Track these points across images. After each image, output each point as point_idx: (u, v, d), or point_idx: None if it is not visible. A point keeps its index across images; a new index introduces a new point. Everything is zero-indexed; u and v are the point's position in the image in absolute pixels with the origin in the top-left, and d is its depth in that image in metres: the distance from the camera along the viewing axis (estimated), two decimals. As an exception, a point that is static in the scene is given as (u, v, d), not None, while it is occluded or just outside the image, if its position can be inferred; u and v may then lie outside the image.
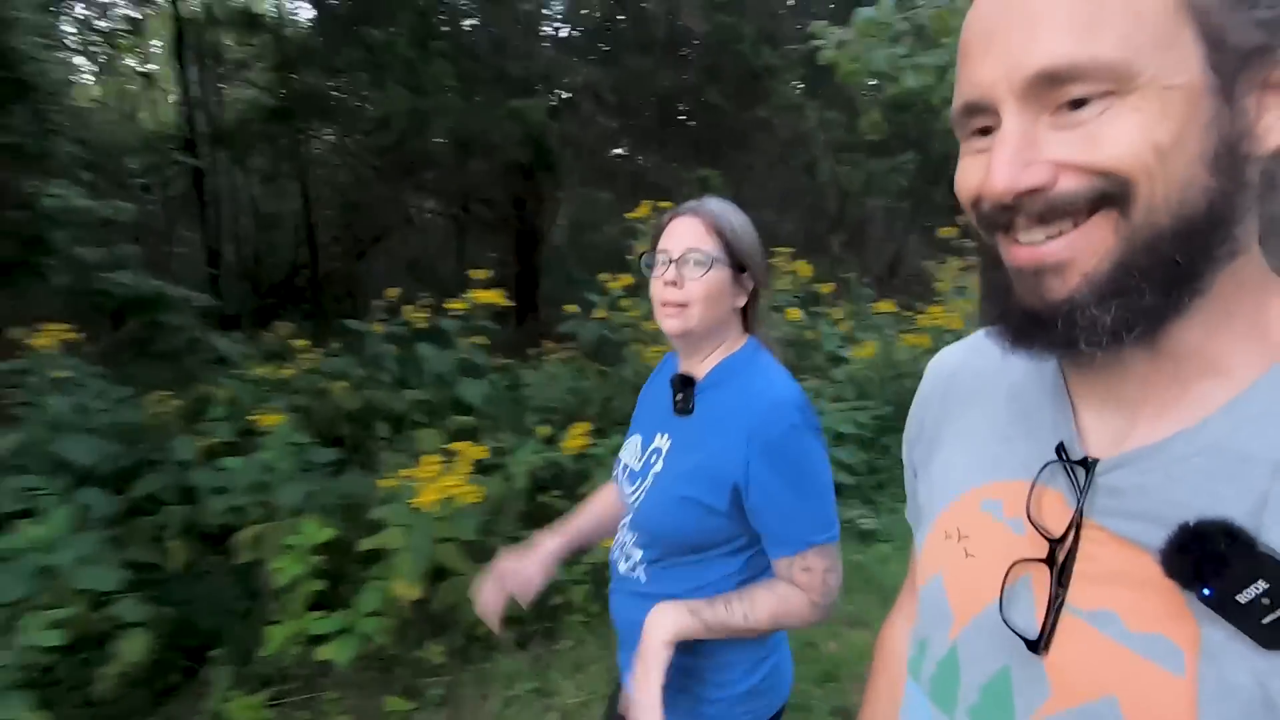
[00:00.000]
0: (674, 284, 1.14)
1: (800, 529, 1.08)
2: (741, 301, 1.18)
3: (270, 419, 2.33)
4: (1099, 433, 0.52)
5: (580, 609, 2.69)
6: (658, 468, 1.18)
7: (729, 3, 4.36)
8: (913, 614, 0.77)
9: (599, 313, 3.62)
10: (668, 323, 1.17)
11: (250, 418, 2.45)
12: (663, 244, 1.17)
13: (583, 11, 3.87)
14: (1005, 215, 0.46)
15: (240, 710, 2.18)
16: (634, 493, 1.21)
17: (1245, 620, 0.42)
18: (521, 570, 1.29)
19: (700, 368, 1.19)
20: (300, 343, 3.23)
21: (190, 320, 3.74)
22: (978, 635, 0.56)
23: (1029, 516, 0.53)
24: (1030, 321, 0.47)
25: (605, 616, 2.54)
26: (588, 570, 2.70)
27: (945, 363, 0.71)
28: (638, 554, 1.19)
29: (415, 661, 2.45)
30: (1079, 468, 0.51)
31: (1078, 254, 0.45)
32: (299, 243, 8.68)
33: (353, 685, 2.37)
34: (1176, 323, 0.46)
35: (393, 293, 3.31)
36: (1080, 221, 0.44)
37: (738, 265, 1.15)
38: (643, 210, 3.74)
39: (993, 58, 0.45)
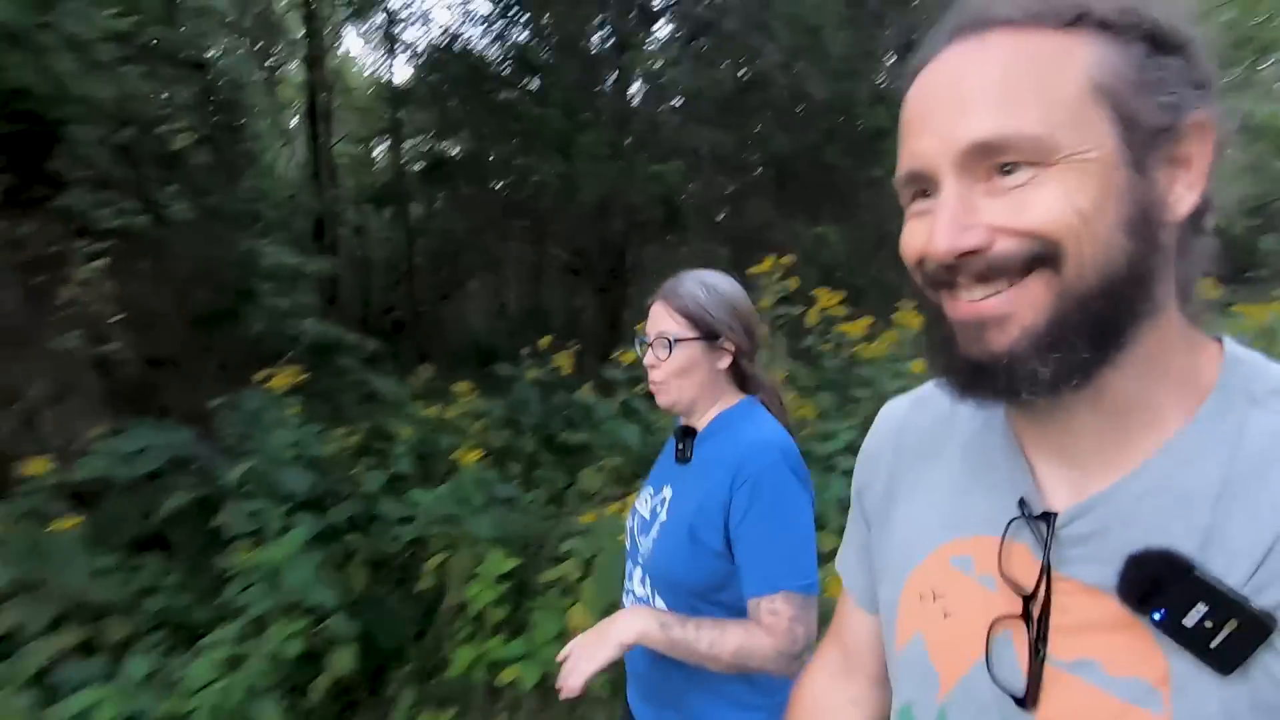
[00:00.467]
0: (651, 365, 1.24)
1: (771, 570, 1.11)
2: (724, 364, 1.24)
3: (469, 456, 2.58)
4: (1055, 485, 0.55)
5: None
6: (663, 516, 1.24)
7: (847, 71, 4.56)
8: (835, 668, 0.81)
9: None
10: (657, 398, 1.27)
11: (449, 454, 2.71)
12: (646, 328, 1.27)
13: (711, 80, 4.17)
14: (948, 274, 0.50)
15: (427, 726, 2.38)
16: (645, 543, 1.27)
17: (1196, 645, 0.45)
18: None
19: (699, 422, 1.27)
20: (462, 385, 3.52)
21: (354, 362, 4.13)
22: (966, 696, 0.57)
23: (1001, 573, 0.55)
24: (975, 371, 0.50)
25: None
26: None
27: (893, 415, 0.73)
28: (660, 604, 1.23)
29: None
30: (1041, 522, 0.53)
31: (1016, 309, 0.48)
32: (393, 284, 9.28)
33: (523, 709, 2.54)
34: (1110, 375, 0.49)
35: (545, 341, 3.58)
36: (1016, 281, 0.48)
37: (708, 334, 1.22)
38: (766, 265, 3.91)
39: (929, 133, 0.50)
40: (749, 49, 4.56)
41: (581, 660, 1.08)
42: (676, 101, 4.43)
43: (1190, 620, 0.45)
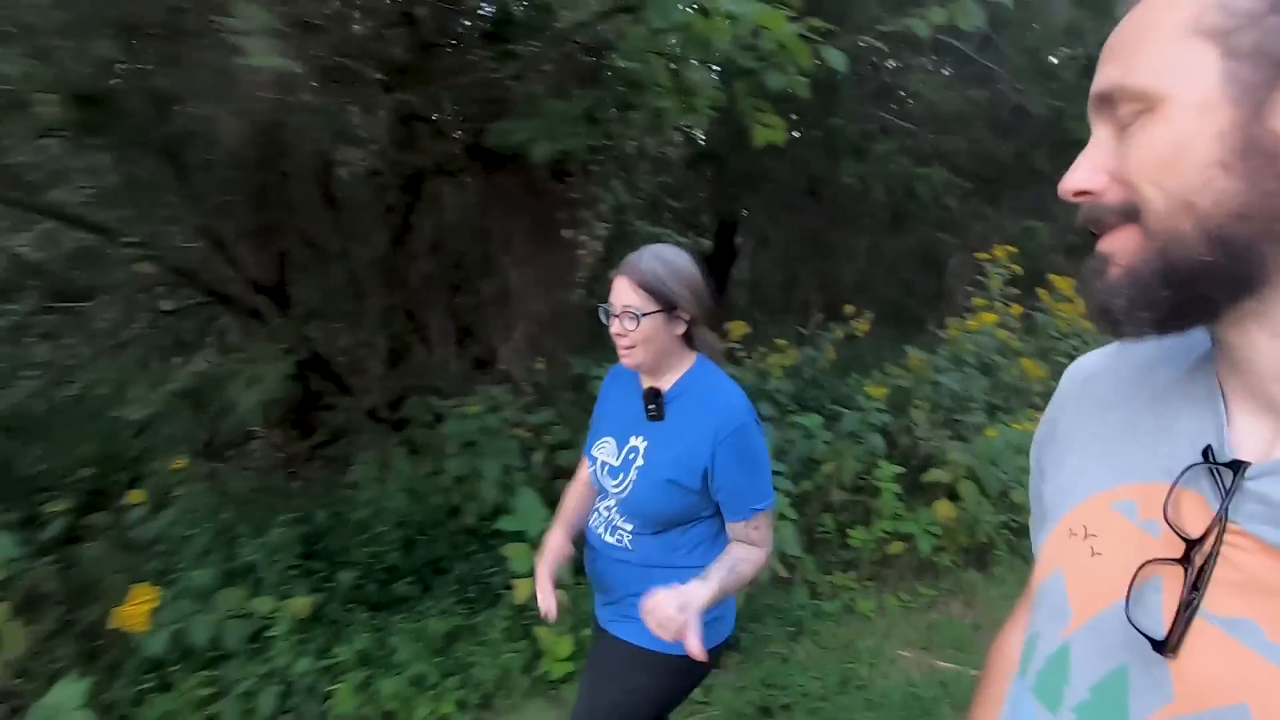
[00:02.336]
0: (619, 334, 1.41)
1: (750, 500, 1.41)
2: (680, 331, 1.44)
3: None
4: (1253, 438, 0.51)
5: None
6: (639, 462, 1.45)
7: (1064, 89, 5.49)
8: (1020, 619, 0.79)
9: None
10: (625, 360, 1.45)
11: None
12: (610, 298, 1.43)
13: (954, 96, 5.22)
14: (1081, 215, 0.54)
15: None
16: (619, 484, 1.49)
17: None
18: (544, 561, 1.55)
19: (663, 382, 1.48)
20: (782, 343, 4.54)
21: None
22: (1096, 633, 0.55)
23: (1166, 517, 0.52)
24: (1097, 309, 0.53)
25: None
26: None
27: (1083, 367, 0.71)
28: (627, 527, 1.49)
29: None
30: (1226, 470, 0.50)
31: (1117, 251, 0.51)
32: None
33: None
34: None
35: (849, 307, 4.61)
36: (1112, 230, 0.51)
37: (668, 306, 1.40)
38: (999, 252, 4.88)
39: (1093, 82, 0.54)
40: (986, 70, 5.60)
41: (690, 626, 1.21)
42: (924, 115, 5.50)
43: None
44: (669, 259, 1.42)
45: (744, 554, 1.42)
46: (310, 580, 2.82)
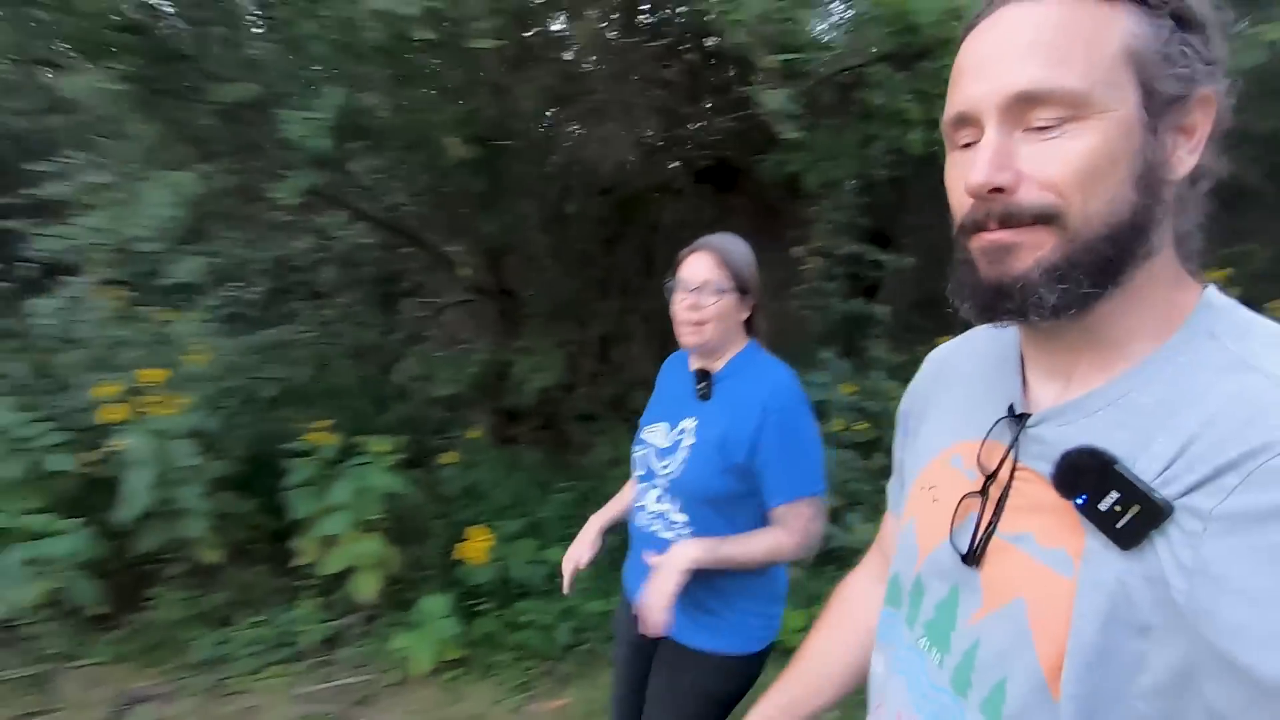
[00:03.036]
0: (694, 308, 1.41)
1: (792, 482, 1.35)
2: (745, 316, 1.47)
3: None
4: (1041, 397, 0.64)
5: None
6: (689, 441, 1.44)
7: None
8: (875, 570, 0.95)
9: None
10: (687, 338, 1.44)
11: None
12: (682, 274, 1.44)
13: None
14: (981, 211, 0.57)
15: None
16: (667, 465, 1.46)
17: (1107, 525, 0.53)
18: (581, 543, 1.60)
19: (715, 364, 1.48)
20: None
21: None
22: (935, 562, 0.68)
23: (978, 462, 0.66)
24: (993, 293, 0.58)
25: None
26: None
27: (937, 353, 0.84)
28: (681, 518, 1.44)
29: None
30: (1017, 422, 0.63)
31: (1025, 243, 0.56)
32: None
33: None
34: (1104, 306, 0.56)
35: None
36: (1026, 228, 0.55)
37: (741, 289, 1.43)
38: (1221, 274, 4.76)
39: (983, 80, 0.56)
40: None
41: (657, 597, 1.26)
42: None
43: (1104, 505, 0.53)
44: (741, 245, 1.45)
45: (768, 535, 1.37)
46: (586, 538, 3.32)
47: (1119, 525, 0.52)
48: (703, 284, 1.40)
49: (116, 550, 2.67)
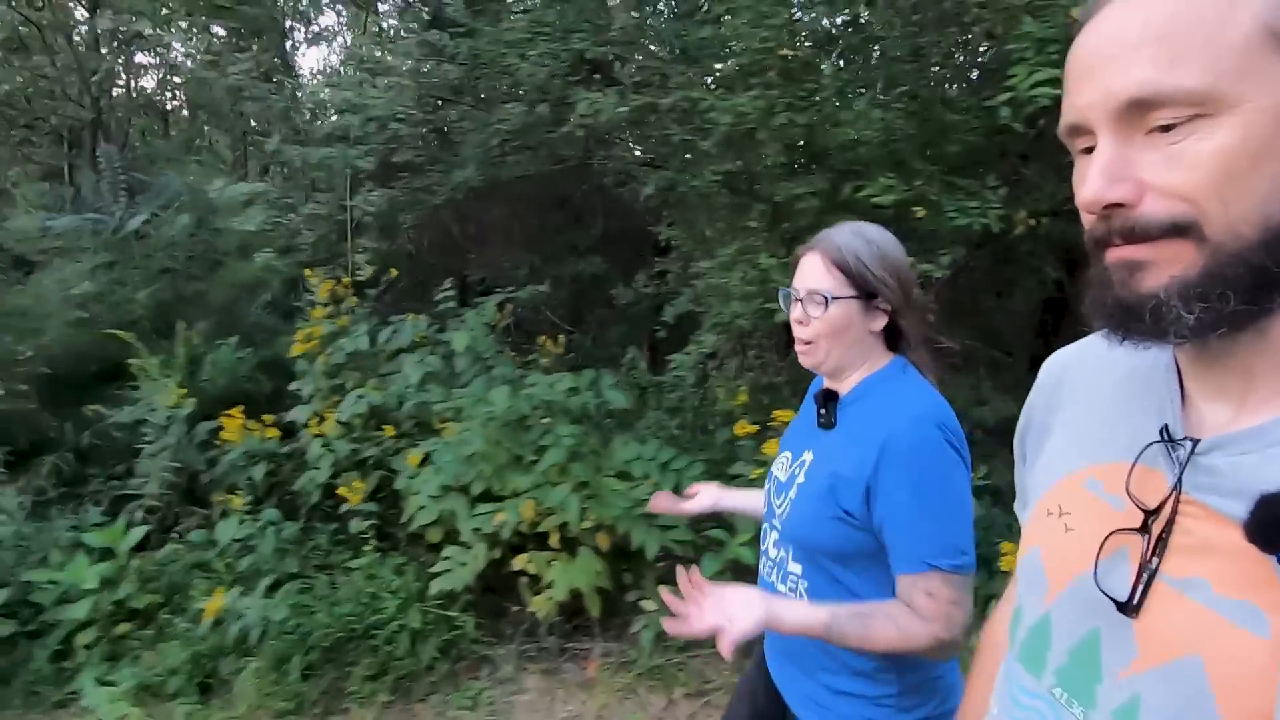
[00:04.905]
0: (800, 322, 1.18)
1: (923, 547, 1.04)
2: (878, 325, 1.17)
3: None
4: (1206, 419, 0.55)
5: None
6: (800, 479, 1.21)
7: None
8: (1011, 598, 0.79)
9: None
10: (801, 358, 1.21)
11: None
12: (794, 281, 1.21)
13: None
14: (1103, 228, 0.51)
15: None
16: (780, 504, 1.25)
17: None
18: (696, 497, 1.51)
19: (843, 385, 1.21)
20: None
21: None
22: (1071, 601, 0.59)
23: (1128, 491, 0.56)
24: (1125, 312, 0.51)
25: None
26: None
27: (1059, 360, 0.73)
28: (796, 569, 1.21)
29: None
30: (1180, 447, 0.54)
31: (1160, 260, 0.49)
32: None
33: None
34: (1277, 319, 0.49)
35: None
36: (1157, 243, 0.49)
37: (865, 294, 1.15)
38: None
39: (1091, 87, 0.50)
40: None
41: (735, 623, 1.03)
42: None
43: None
44: (873, 237, 1.17)
45: (895, 612, 1.06)
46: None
47: None
48: (807, 294, 1.17)
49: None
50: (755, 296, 2.78)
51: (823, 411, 1.21)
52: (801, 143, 2.32)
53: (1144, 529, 0.54)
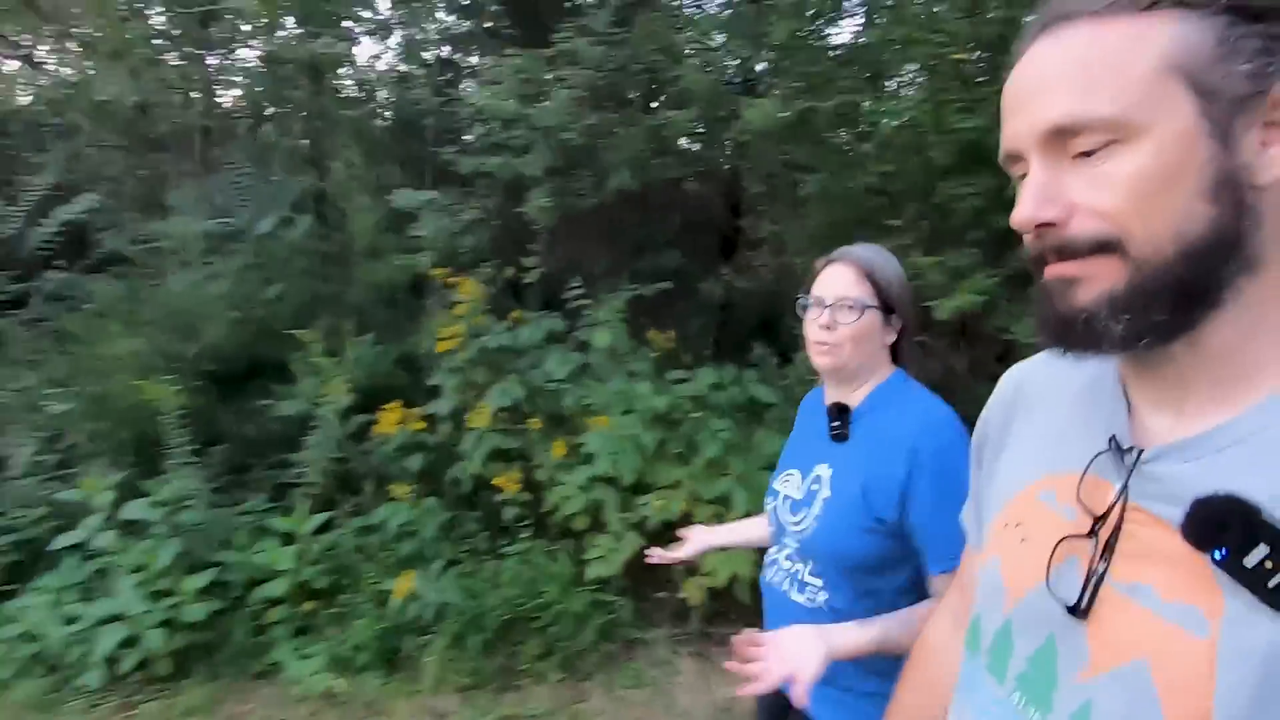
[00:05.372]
0: (827, 327, 1.23)
1: (957, 546, 1.09)
2: (891, 339, 1.27)
3: None
4: (1150, 428, 0.57)
5: None
6: (825, 494, 1.23)
7: None
8: (956, 612, 0.84)
9: None
10: (819, 359, 1.25)
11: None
12: (817, 289, 1.26)
13: None
14: (1038, 246, 0.55)
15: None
16: (800, 521, 1.26)
17: (1255, 584, 0.46)
18: (686, 543, 1.53)
19: (853, 397, 1.27)
20: None
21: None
22: (1029, 609, 0.61)
23: (1079, 500, 0.58)
24: (1060, 325, 0.54)
25: None
26: None
27: (1016, 374, 0.76)
28: (817, 581, 1.24)
29: None
30: (1126, 456, 0.56)
31: (1089, 275, 0.52)
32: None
33: None
34: (1212, 328, 0.51)
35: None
36: (1085, 259, 0.52)
37: (886, 308, 1.24)
38: None
39: (1019, 117, 0.55)
40: None
41: (803, 670, 1.04)
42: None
43: (1251, 560, 0.46)
44: (891, 259, 1.27)
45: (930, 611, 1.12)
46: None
47: (1271, 584, 0.46)
48: (837, 301, 1.23)
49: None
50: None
51: (835, 424, 1.26)
52: (970, 143, 2.39)
53: (1092, 535, 0.56)
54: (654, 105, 3.12)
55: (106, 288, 3.99)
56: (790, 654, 1.06)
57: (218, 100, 6.63)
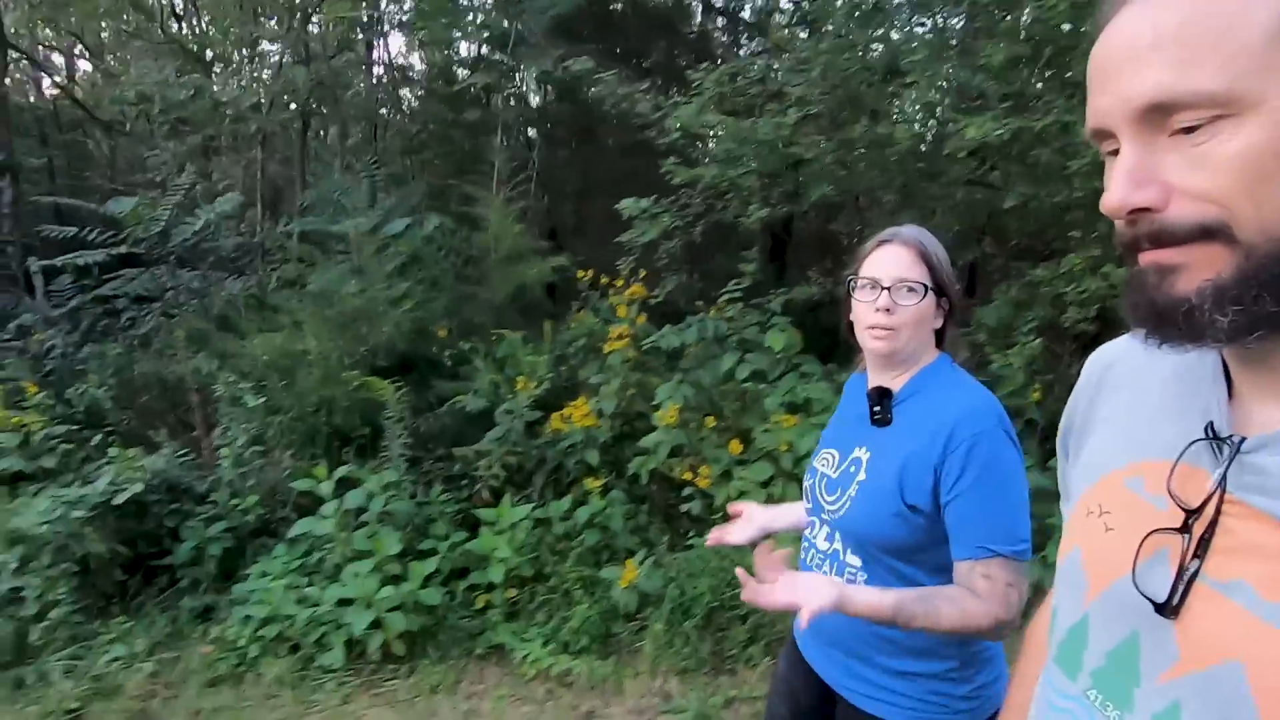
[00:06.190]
0: (885, 310, 1.19)
1: (984, 533, 1.10)
2: (940, 323, 1.25)
3: None
4: (1255, 417, 0.53)
5: None
6: (861, 476, 1.23)
7: None
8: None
9: None
10: (875, 344, 1.22)
11: None
12: (870, 270, 1.23)
13: None
14: (1130, 233, 0.50)
15: None
16: (835, 501, 1.26)
17: None
18: (743, 521, 1.45)
19: (896, 382, 1.25)
20: None
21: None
22: (1110, 602, 0.57)
23: (1170, 490, 0.54)
24: (1158, 316, 0.50)
25: None
26: None
27: (1104, 355, 0.72)
28: (855, 562, 1.24)
29: None
30: (1224, 445, 0.52)
31: (1192, 262, 0.47)
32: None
33: None
34: None
35: None
36: (1186, 247, 0.47)
37: (940, 291, 1.22)
38: None
39: (1108, 91, 0.49)
40: None
41: (811, 600, 1.06)
42: None
43: None
44: (936, 240, 1.25)
45: (955, 594, 1.11)
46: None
47: None
48: (896, 283, 1.20)
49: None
50: (1091, 303, 3.02)
51: (877, 409, 1.25)
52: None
53: (1185, 529, 0.53)
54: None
55: (287, 290, 4.13)
56: (802, 587, 1.09)
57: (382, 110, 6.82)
